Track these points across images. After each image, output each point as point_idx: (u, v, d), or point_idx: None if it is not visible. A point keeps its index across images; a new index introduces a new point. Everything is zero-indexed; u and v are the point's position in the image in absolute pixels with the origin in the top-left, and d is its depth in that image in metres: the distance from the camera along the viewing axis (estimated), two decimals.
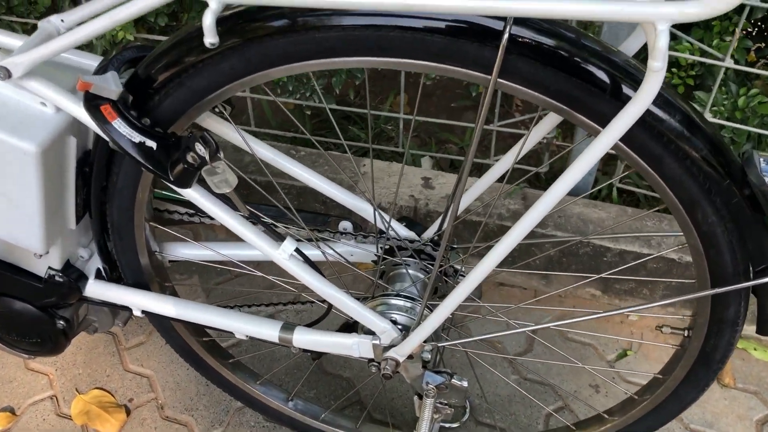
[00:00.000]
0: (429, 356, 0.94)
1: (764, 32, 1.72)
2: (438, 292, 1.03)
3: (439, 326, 0.91)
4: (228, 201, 0.88)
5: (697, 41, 1.60)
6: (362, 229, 1.05)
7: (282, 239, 0.91)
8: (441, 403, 0.98)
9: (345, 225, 1.04)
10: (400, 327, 0.94)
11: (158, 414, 1.36)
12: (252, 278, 1.19)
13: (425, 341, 0.91)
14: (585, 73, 0.70)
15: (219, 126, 0.95)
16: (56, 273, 1.02)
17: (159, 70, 0.80)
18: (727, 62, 1.39)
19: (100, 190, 0.95)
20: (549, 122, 0.90)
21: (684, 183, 0.74)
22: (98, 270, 1.06)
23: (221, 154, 0.79)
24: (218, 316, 1.01)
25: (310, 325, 1.00)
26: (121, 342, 1.49)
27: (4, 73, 0.80)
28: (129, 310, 1.08)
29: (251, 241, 0.88)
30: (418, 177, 1.62)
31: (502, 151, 1.76)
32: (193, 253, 1.09)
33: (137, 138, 0.79)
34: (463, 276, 1.00)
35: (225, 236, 1.62)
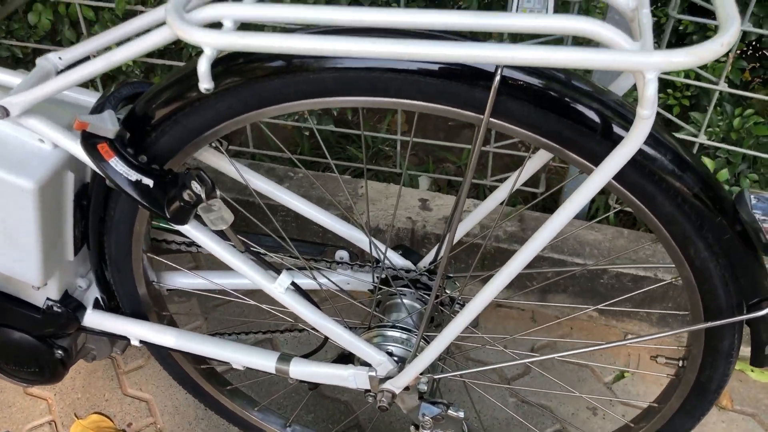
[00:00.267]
0: (425, 387, 0.94)
1: (758, 52, 1.73)
2: (434, 321, 1.03)
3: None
4: (225, 236, 0.89)
5: None
6: (359, 258, 1.05)
7: (278, 272, 0.92)
8: None
9: (341, 254, 1.04)
10: (397, 359, 0.94)
11: None
12: (250, 303, 1.20)
13: (422, 373, 0.92)
14: (576, 114, 0.71)
15: (215, 159, 0.95)
16: (54, 303, 1.03)
17: (156, 109, 0.81)
18: (721, 85, 1.40)
19: (98, 222, 0.95)
20: (545, 154, 0.91)
21: (676, 219, 0.75)
22: (96, 300, 1.07)
23: (217, 192, 0.80)
24: (215, 347, 1.01)
25: (307, 356, 1.00)
26: (120, 366, 1.50)
27: (3, 112, 0.81)
28: (127, 339, 1.08)
29: (248, 276, 0.89)
30: (416, 198, 1.62)
31: (500, 169, 1.77)
32: (191, 282, 1.09)
33: (134, 176, 0.80)
34: (460, 304, 1.01)
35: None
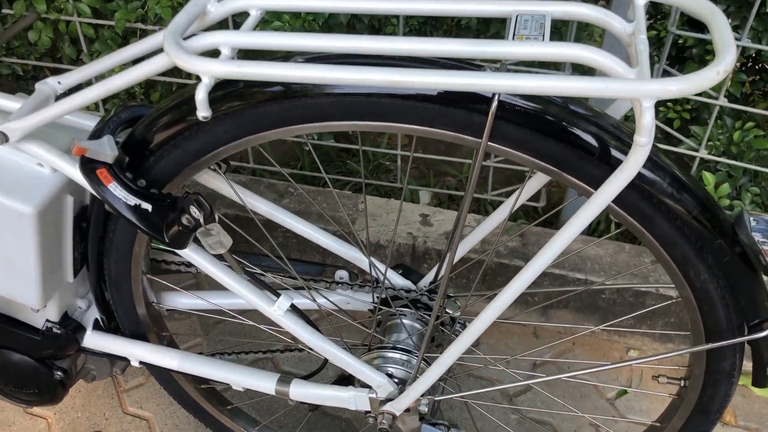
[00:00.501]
0: (426, 409, 0.94)
1: (757, 65, 1.73)
2: (435, 341, 1.03)
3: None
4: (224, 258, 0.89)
5: None
6: (358, 278, 1.05)
7: (277, 294, 0.92)
8: None
9: (341, 274, 1.04)
10: (397, 380, 0.94)
11: None
12: (250, 319, 1.21)
13: (422, 395, 0.91)
14: (573, 138, 0.71)
15: (214, 181, 0.96)
16: (54, 325, 1.03)
17: (155, 133, 0.81)
18: (721, 100, 1.40)
19: (97, 244, 0.95)
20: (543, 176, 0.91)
21: (675, 242, 0.75)
22: (96, 320, 1.07)
23: (216, 217, 0.80)
24: (215, 369, 1.01)
25: (307, 377, 1.00)
26: (120, 384, 1.49)
27: (2, 138, 0.81)
28: (127, 360, 1.08)
29: (247, 299, 0.89)
30: (416, 214, 1.62)
31: (500, 183, 1.76)
32: (190, 303, 1.09)
33: (133, 201, 0.80)
34: (461, 324, 1.00)
35: None
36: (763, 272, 0.75)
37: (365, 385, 0.95)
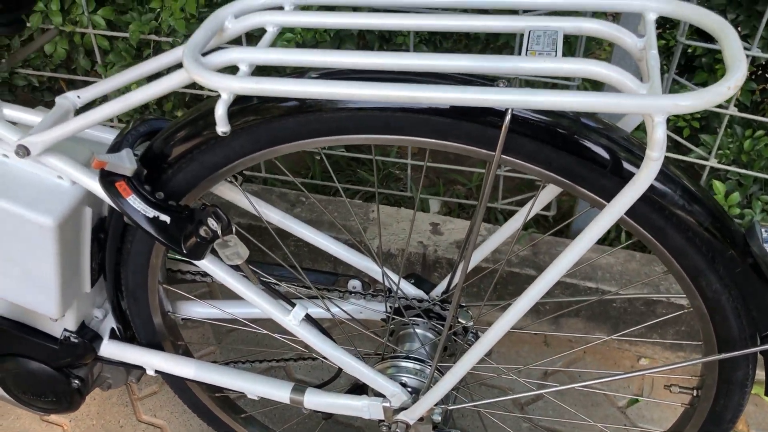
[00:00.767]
0: (439, 418, 0.94)
1: (767, 73, 1.73)
2: (448, 350, 1.04)
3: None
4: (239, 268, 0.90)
5: (701, 85, 1.62)
6: (371, 287, 1.06)
7: (291, 303, 0.93)
8: None
9: (354, 284, 1.05)
10: (410, 390, 0.95)
11: None
12: (263, 328, 1.23)
13: (436, 404, 0.92)
14: (585, 151, 0.71)
15: (230, 192, 0.97)
16: (71, 334, 1.04)
17: (173, 146, 0.82)
18: (731, 110, 1.40)
19: (115, 255, 0.97)
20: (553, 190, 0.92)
21: (687, 253, 0.76)
22: (112, 330, 1.08)
23: (233, 228, 0.81)
24: (230, 378, 1.02)
25: (321, 386, 1.01)
26: (134, 392, 1.51)
27: (23, 152, 0.83)
28: (143, 369, 1.09)
29: (262, 309, 0.90)
30: (427, 222, 1.63)
31: (510, 192, 1.77)
32: (205, 312, 1.10)
33: (151, 213, 0.81)
34: (474, 334, 1.01)
35: None
36: None
37: (379, 394, 0.96)
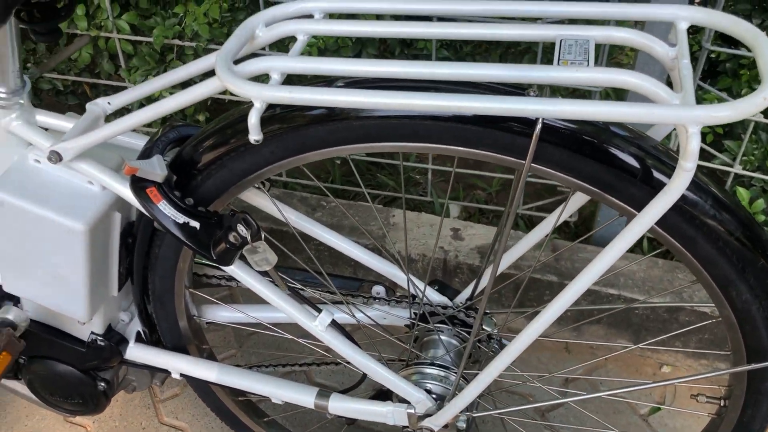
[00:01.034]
0: (464, 425, 0.94)
1: None
2: (472, 357, 1.04)
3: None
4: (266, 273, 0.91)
5: (725, 90, 1.61)
6: (395, 293, 1.06)
7: (317, 308, 0.93)
8: None
9: (378, 289, 1.05)
10: (435, 396, 0.95)
11: None
12: (286, 332, 1.24)
13: (461, 411, 0.92)
14: (615, 160, 0.71)
15: (257, 198, 0.98)
16: (98, 337, 1.06)
17: (203, 153, 0.83)
18: (757, 116, 1.39)
19: (143, 259, 0.98)
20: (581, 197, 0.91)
21: (717, 263, 0.75)
22: (138, 333, 1.09)
23: (262, 235, 0.82)
24: (255, 382, 1.03)
25: (345, 392, 1.01)
26: (156, 394, 1.52)
27: (56, 158, 0.84)
28: (168, 372, 1.10)
29: (289, 314, 0.91)
30: (447, 228, 1.63)
31: (531, 197, 1.77)
32: (230, 316, 1.11)
33: (181, 219, 0.82)
34: (498, 341, 1.01)
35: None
36: None
37: (403, 401, 0.96)
